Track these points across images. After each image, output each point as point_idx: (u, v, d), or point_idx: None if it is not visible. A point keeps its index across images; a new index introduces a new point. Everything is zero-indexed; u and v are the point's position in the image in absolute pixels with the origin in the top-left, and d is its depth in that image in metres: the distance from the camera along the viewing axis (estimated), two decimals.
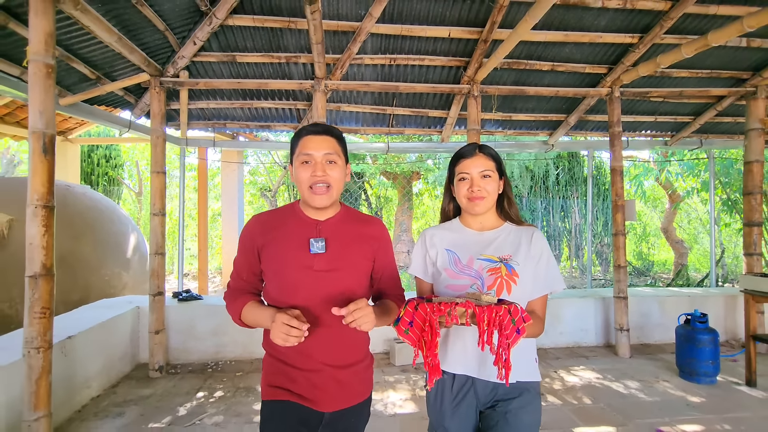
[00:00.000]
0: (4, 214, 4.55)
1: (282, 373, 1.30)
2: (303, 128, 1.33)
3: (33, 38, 2.32)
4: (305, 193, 1.29)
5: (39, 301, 2.29)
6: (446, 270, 1.41)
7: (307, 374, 1.28)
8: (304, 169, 1.28)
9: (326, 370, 1.28)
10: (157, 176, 3.98)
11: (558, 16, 3.75)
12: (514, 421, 1.31)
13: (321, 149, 1.28)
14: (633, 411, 3.10)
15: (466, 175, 1.42)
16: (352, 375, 1.33)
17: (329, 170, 1.28)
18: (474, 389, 1.36)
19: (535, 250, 1.40)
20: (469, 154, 1.43)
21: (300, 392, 1.27)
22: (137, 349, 4.07)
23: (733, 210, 8.22)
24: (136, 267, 5.48)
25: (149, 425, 2.91)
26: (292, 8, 3.57)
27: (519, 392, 1.33)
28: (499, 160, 1.46)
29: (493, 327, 1.12)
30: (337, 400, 1.30)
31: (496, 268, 1.36)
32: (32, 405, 2.25)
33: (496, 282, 1.34)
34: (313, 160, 1.28)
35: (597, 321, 4.72)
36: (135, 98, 4.37)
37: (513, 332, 1.12)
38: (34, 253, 2.32)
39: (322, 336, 1.27)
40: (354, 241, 1.34)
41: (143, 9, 3.10)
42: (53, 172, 2.45)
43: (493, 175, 1.42)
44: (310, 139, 1.29)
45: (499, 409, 1.34)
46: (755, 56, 4.34)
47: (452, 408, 1.37)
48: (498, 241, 1.43)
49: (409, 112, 4.87)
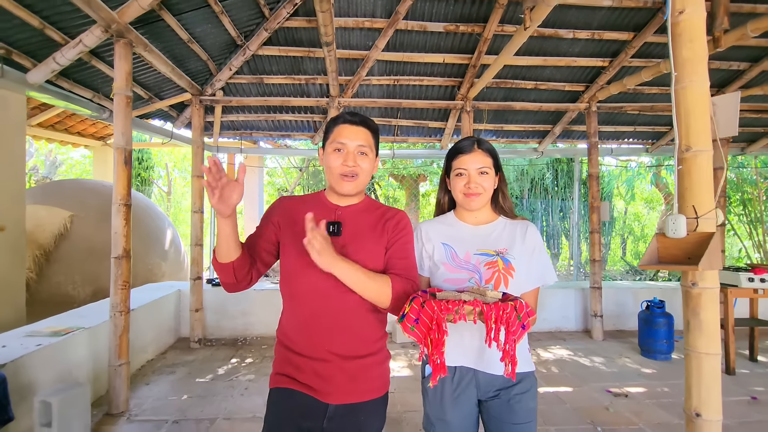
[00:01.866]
0: (65, 210, 5.35)
1: (289, 362, 1.28)
2: (340, 115, 1.31)
3: (117, 77, 3.05)
4: (334, 178, 1.29)
5: (121, 276, 3.03)
6: (444, 264, 1.39)
7: (313, 363, 1.24)
8: (336, 157, 1.27)
9: (334, 360, 1.23)
10: (197, 179, 4.72)
11: (537, 44, 4.38)
12: (518, 407, 1.34)
13: (356, 140, 1.27)
14: (591, 378, 3.73)
15: (463, 171, 1.41)
16: (361, 368, 1.26)
17: (360, 161, 1.28)
18: (476, 380, 1.37)
19: (529, 244, 1.41)
20: (467, 150, 1.41)
21: (305, 381, 1.24)
22: (179, 325, 4.83)
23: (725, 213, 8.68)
24: (173, 258, 6.26)
25: (196, 380, 3.64)
26: (311, 40, 4.27)
27: (518, 380, 1.35)
28: (496, 155, 1.45)
29: (501, 324, 1.11)
30: (344, 393, 1.24)
31: (493, 262, 1.36)
32: (117, 354, 2.98)
33: (494, 276, 1.34)
34: (345, 149, 1.27)
35: (577, 309, 5.33)
36: (177, 112, 5.14)
37: (519, 328, 1.12)
38: (117, 240, 3.05)
39: (331, 323, 1.24)
40: (371, 229, 1.31)
41: (192, 45, 3.83)
42: (131, 178, 3.17)
43: (490, 171, 1.41)
44: (346, 127, 1.28)
45: (503, 398, 1.35)
46: (717, 75, 4.90)
47: (453, 400, 1.37)
48: (494, 236, 1.43)
49: (411, 123, 5.54)
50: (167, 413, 2.99)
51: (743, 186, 8.47)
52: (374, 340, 1.31)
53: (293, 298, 1.29)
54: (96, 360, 3.20)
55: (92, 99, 4.06)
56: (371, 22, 4.04)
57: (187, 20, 3.57)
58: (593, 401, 3.24)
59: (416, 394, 3.30)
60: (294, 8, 3.86)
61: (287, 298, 1.31)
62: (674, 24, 1.71)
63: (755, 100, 5.27)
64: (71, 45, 3.09)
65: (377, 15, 4.02)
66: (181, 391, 3.38)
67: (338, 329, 1.24)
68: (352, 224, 1.30)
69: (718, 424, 1.68)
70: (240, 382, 3.58)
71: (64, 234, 5.22)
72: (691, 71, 1.69)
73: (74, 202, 5.46)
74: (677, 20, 1.70)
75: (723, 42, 3.26)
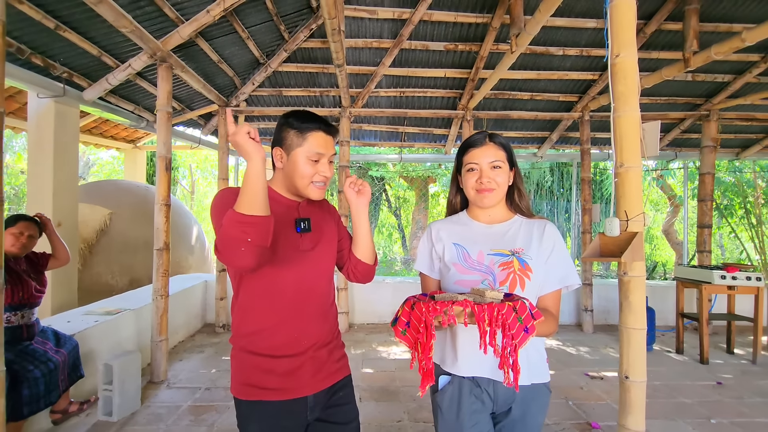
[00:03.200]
0: (105, 208, 5.96)
1: (257, 369, 1.23)
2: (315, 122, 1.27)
3: (160, 95, 3.58)
4: (306, 185, 1.26)
5: (162, 266, 3.56)
6: (455, 265, 1.31)
7: (284, 361, 1.23)
8: (311, 166, 1.25)
9: (307, 351, 1.26)
10: (223, 182, 5.26)
11: (531, 60, 4.78)
12: (532, 423, 1.28)
13: (330, 149, 1.29)
14: (574, 363, 4.13)
15: (474, 166, 1.33)
16: (327, 354, 1.32)
17: (330, 169, 1.30)
18: (494, 392, 1.25)
19: (547, 243, 1.31)
20: (478, 144, 1.34)
21: (277, 386, 1.22)
22: (205, 312, 5.39)
23: (722, 215, 8.89)
24: (198, 252, 6.84)
25: (222, 358, 4.16)
26: (325, 58, 4.76)
27: (535, 394, 1.27)
28: (510, 149, 1.37)
29: (496, 326, 1.00)
30: (317, 381, 1.27)
31: (509, 263, 1.26)
32: (158, 331, 3.51)
33: (509, 277, 1.25)
34: (321, 159, 1.27)
35: (570, 304, 5.70)
36: (204, 121, 5.70)
37: (520, 331, 1.01)
38: (159, 235, 3.58)
39: (308, 313, 1.27)
40: (323, 219, 1.38)
41: (221, 65, 4.36)
42: (170, 181, 3.70)
43: (503, 165, 1.32)
44: (323, 137, 1.27)
45: (517, 415, 1.27)
46: (705, 86, 5.22)
47: (469, 416, 1.25)
48: (509, 235, 1.33)
49: (417, 130, 5.99)
50: (200, 382, 3.52)
51: (744, 190, 8.66)
52: (335, 327, 1.38)
53: (272, 294, 1.23)
54: (140, 336, 3.75)
55: (133, 111, 4.63)
56: (378, 43, 4.51)
57: (217, 44, 4.09)
58: (571, 382, 3.65)
59: (414, 373, 3.76)
60: (310, 32, 4.36)
61: (262, 296, 1.23)
62: (612, 64, 2.13)
63: (743, 109, 5.56)
64: (122, 68, 3.64)
65: (384, 36, 4.49)
66: (210, 366, 3.91)
67: (313, 319, 1.28)
68: (314, 219, 1.34)
69: (642, 385, 2.11)
70: None
71: (104, 229, 5.83)
72: (624, 103, 2.10)
73: (112, 201, 6.07)
74: (615, 61, 2.11)
75: (692, 62, 3.63)
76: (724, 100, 5.23)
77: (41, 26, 3.00)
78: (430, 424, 2.82)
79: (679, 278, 4.52)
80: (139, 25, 3.06)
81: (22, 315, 2.42)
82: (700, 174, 5.50)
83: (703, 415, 3.04)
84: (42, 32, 3.08)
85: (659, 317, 5.38)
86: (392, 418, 2.92)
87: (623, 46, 2.09)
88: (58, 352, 2.54)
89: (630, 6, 2.08)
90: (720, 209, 9.01)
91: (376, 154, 7.74)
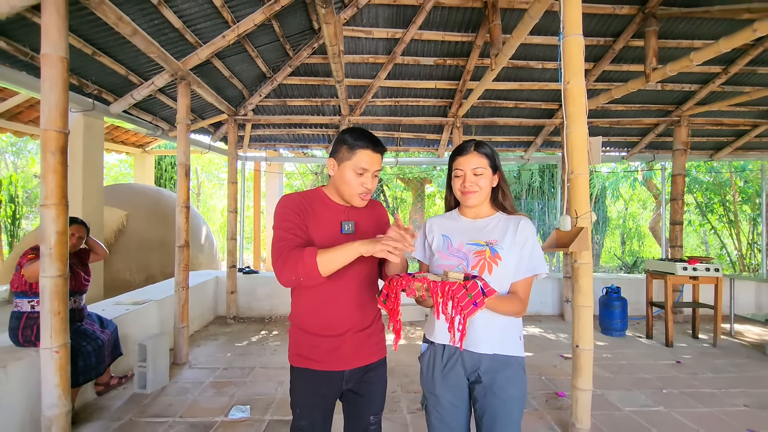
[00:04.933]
0: (122, 210, 6.41)
1: (305, 342, 1.48)
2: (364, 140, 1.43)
3: (180, 110, 4.03)
4: (350, 194, 1.45)
5: (183, 261, 4.01)
6: (438, 252, 1.54)
7: (326, 340, 1.45)
8: (357, 178, 1.43)
9: (346, 333, 1.46)
10: (232, 185, 5.72)
11: (513, 72, 5.24)
12: (500, 393, 1.42)
13: (375, 166, 1.45)
14: (551, 347, 4.59)
15: (459, 172, 1.52)
16: (366, 337, 1.51)
17: (374, 182, 1.48)
18: (461, 359, 1.47)
19: (521, 236, 1.48)
20: (464, 152, 1.52)
21: (319, 358, 1.46)
22: (217, 305, 5.84)
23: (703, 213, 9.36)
24: (208, 251, 7.29)
25: (235, 344, 4.61)
26: (326, 72, 5.21)
27: (505, 365, 1.44)
28: (494, 156, 1.54)
29: (447, 299, 1.24)
30: (354, 359, 1.48)
31: (482, 251, 1.46)
32: (181, 319, 3.96)
33: (479, 263, 1.44)
34: (366, 173, 1.44)
35: (553, 296, 6.17)
36: (213, 128, 6.15)
37: (469, 304, 1.23)
38: (180, 234, 4.03)
39: (341, 306, 1.46)
40: (371, 225, 1.54)
41: (232, 80, 4.81)
42: (189, 186, 4.15)
43: (485, 171, 1.51)
44: (370, 155, 1.42)
45: (486, 382, 1.44)
46: (674, 95, 5.68)
47: (442, 376, 1.49)
48: (487, 228, 1.53)
49: (411, 136, 6.45)
50: (217, 364, 3.97)
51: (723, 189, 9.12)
52: (372, 315, 1.55)
53: (303, 288, 1.46)
54: (163, 324, 4.20)
55: (151, 121, 5.08)
56: (374, 58, 4.97)
57: (229, 62, 4.54)
58: (546, 362, 4.11)
59: (406, 355, 4.23)
60: (313, 50, 4.82)
61: (297, 288, 1.47)
62: (565, 89, 2.58)
63: (712, 115, 6.03)
64: (145, 85, 4.10)
65: (379, 53, 4.94)
66: (225, 351, 4.36)
67: (349, 307, 1.46)
68: (360, 222, 1.52)
69: (589, 352, 2.58)
70: (270, 346, 4.55)
71: (121, 230, 6.28)
72: (574, 121, 2.56)
73: (127, 203, 6.52)
74: (566, 87, 2.57)
75: (652, 77, 4.09)
76: (693, 107, 5.69)
77: (81, 52, 3.44)
78: (418, 395, 3.27)
79: (649, 270, 4.98)
80: (163, 49, 3.51)
81: (74, 300, 2.87)
82: (672, 175, 5.96)
83: (658, 387, 3.50)
84: (80, 57, 3.52)
85: (636, 307, 5.85)
86: (388, 389, 3.35)
87: (573, 75, 2.55)
88: (103, 332, 2.99)
89: (578, 43, 2.55)
90: (701, 207, 9.47)
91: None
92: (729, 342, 4.80)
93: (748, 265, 9.15)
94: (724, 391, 3.43)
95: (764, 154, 7.05)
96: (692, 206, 9.82)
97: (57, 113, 2.26)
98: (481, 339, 1.43)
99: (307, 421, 1.49)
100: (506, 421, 1.42)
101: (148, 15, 3.36)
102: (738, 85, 5.45)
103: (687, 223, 11.37)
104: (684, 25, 4.47)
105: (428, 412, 1.53)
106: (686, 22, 4.43)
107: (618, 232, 12.71)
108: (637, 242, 12.03)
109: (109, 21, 2.88)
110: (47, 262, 2.25)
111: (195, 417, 2.89)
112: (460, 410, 1.49)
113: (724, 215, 9.24)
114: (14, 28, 2.97)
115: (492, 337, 1.44)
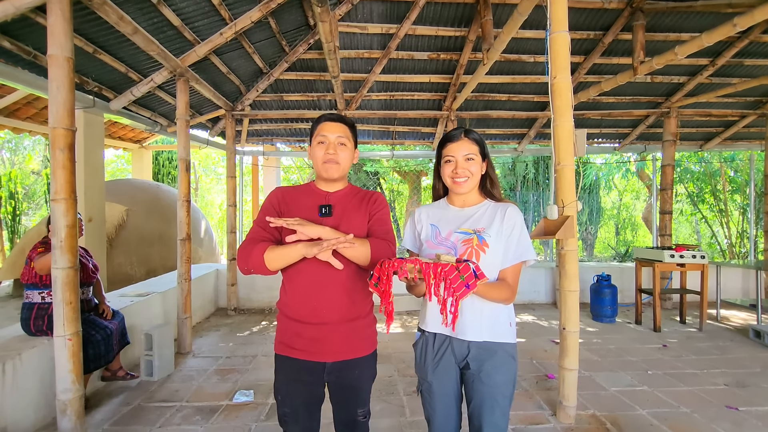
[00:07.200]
0: (122, 205, 6.50)
1: (289, 330, 1.48)
2: (322, 115, 1.54)
3: (179, 106, 4.11)
4: (319, 167, 1.50)
5: (185, 254, 4.12)
6: (427, 242, 1.55)
7: (311, 328, 1.44)
8: (320, 148, 1.49)
9: (330, 324, 1.44)
10: (231, 179, 5.81)
11: (506, 66, 5.34)
12: (487, 380, 1.45)
13: (335, 132, 1.50)
14: (543, 333, 4.74)
15: (451, 158, 1.52)
16: (352, 330, 1.48)
17: (340, 151, 1.50)
18: (451, 347, 1.49)
19: (508, 223, 1.49)
20: (454, 139, 1.53)
21: (302, 347, 1.45)
22: (217, 298, 5.96)
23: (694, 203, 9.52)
24: (207, 244, 7.40)
25: (237, 334, 4.75)
26: (322, 67, 5.30)
27: (492, 353, 1.46)
28: (483, 143, 1.56)
29: (439, 280, 1.21)
30: (337, 352, 1.46)
31: (469, 239, 1.47)
32: (184, 310, 4.09)
33: (467, 251, 1.46)
34: (327, 140, 1.49)
35: (547, 285, 6.32)
36: (211, 123, 6.23)
37: (461, 286, 1.21)
38: (182, 227, 4.13)
39: (327, 292, 1.43)
40: (355, 209, 1.52)
41: (229, 75, 4.89)
42: (190, 181, 4.25)
43: (476, 158, 1.52)
44: (326, 124, 1.51)
45: (474, 369, 1.47)
46: (664, 87, 5.79)
47: (433, 364, 1.52)
48: (475, 217, 1.53)
49: (406, 129, 6.55)
50: (220, 353, 4.11)
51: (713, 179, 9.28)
52: (362, 307, 1.51)
53: (291, 273, 1.46)
54: (167, 315, 4.32)
55: (150, 117, 5.16)
56: (369, 53, 5.05)
57: (226, 58, 4.61)
58: (537, 347, 4.27)
59: (403, 343, 4.37)
60: (309, 46, 4.90)
61: (289, 272, 1.47)
62: (552, 84, 2.70)
63: (701, 107, 6.15)
64: (145, 82, 4.17)
65: (374, 48, 5.03)
66: (228, 341, 4.49)
67: (334, 296, 1.43)
68: (341, 206, 1.52)
69: (575, 334, 2.72)
70: (271, 336, 4.68)
71: (122, 224, 6.38)
72: (561, 115, 2.67)
73: (127, 198, 6.61)
74: (554, 82, 2.69)
75: (639, 71, 4.21)
76: (682, 98, 5.81)
77: (82, 51, 3.52)
78: (414, 378, 3.42)
79: (638, 258, 5.14)
80: (162, 46, 3.59)
81: (83, 291, 2.99)
82: (662, 166, 6.10)
83: (643, 369, 3.66)
84: (81, 55, 3.60)
85: (627, 294, 6.02)
86: (386, 374, 3.52)
87: (559, 70, 2.67)
88: (111, 322, 3.11)
89: (564, 39, 2.66)
90: (692, 197, 9.64)
91: (369, 150, 8.30)
92: (715, 326, 4.97)
93: (738, 253, 9.34)
94: (706, 371, 3.59)
95: (752, 144, 7.20)
96: (683, 196, 10.00)
97: (65, 112, 2.36)
98: (469, 326, 1.45)
99: (290, 408, 1.50)
100: (492, 405, 1.45)
101: (147, 14, 3.44)
102: (725, 76, 5.57)
103: (679, 212, 11.58)
104: (671, 18, 4.57)
105: (423, 396, 1.58)
106: (673, 16, 4.53)
107: (612, 223, 12.91)
108: (631, 232, 12.22)
109: (111, 20, 2.97)
110: (58, 254, 2.37)
111: (201, 401, 3.03)
112: (451, 395, 1.53)
113: (715, 205, 9.41)
114: (17, 27, 3.04)
115: (481, 324, 1.46)
